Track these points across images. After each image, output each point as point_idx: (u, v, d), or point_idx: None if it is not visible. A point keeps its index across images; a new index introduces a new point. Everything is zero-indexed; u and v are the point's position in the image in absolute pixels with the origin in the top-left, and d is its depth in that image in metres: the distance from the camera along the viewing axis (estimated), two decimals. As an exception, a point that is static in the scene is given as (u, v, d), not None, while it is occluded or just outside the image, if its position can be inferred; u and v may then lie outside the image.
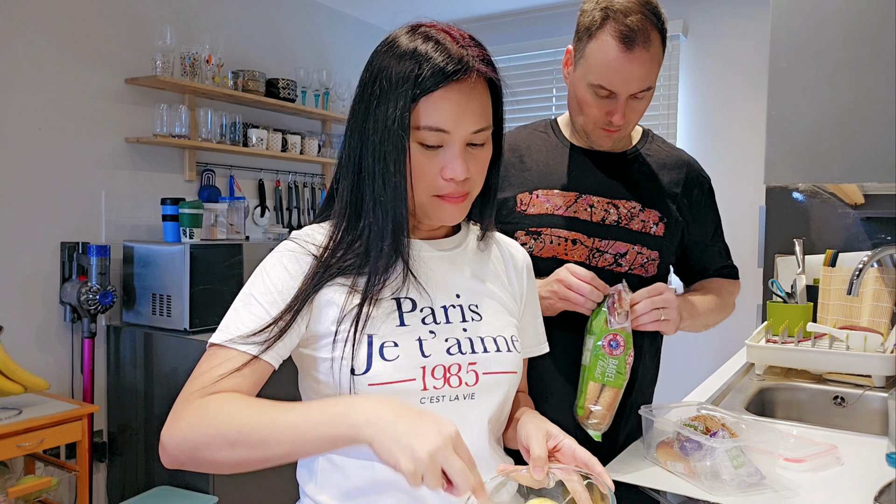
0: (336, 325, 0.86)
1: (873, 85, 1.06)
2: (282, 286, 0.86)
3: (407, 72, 0.83)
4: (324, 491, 0.90)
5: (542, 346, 1.10)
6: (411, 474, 0.66)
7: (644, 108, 1.24)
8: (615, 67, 1.16)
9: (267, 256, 0.91)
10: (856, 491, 1.09)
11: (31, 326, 2.64)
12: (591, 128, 1.26)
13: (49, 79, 2.67)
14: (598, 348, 1.15)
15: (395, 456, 0.67)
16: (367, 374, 0.83)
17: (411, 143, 0.85)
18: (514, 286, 1.02)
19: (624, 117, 1.21)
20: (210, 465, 0.77)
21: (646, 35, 1.14)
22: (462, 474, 0.67)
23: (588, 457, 0.85)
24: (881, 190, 2.04)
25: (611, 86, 1.18)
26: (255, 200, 3.58)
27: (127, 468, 2.83)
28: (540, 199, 1.29)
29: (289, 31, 3.75)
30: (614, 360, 1.15)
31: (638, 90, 1.18)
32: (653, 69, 1.18)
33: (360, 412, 0.71)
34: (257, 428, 0.74)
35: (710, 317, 1.37)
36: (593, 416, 1.16)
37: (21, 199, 2.59)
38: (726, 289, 1.44)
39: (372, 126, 0.85)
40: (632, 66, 1.15)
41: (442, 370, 0.87)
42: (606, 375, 1.15)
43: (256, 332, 0.82)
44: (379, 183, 0.85)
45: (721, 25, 3.61)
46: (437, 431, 0.68)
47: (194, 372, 0.82)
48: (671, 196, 1.33)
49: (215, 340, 0.83)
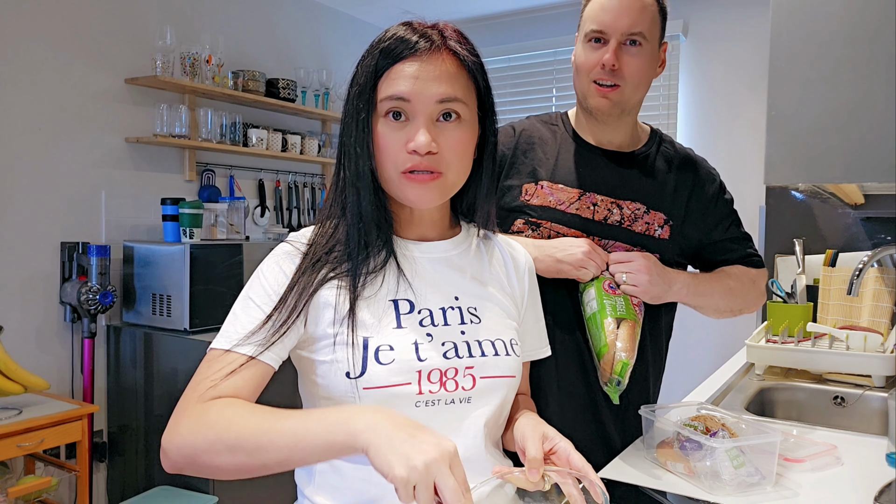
0: (333, 327, 0.86)
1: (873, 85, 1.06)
2: (279, 288, 0.86)
3: (374, 51, 0.87)
4: (322, 492, 0.89)
5: (544, 349, 1.09)
6: (404, 482, 0.64)
7: (639, 64, 1.23)
8: (605, 6, 1.21)
9: (264, 260, 0.91)
10: (856, 491, 1.09)
11: (31, 326, 2.64)
12: (587, 86, 1.25)
13: (49, 79, 2.67)
14: (600, 292, 1.19)
15: (390, 462, 0.66)
16: (361, 377, 0.83)
17: (378, 118, 0.86)
18: (514, 289, 1.02)
19: (616, 62, 1.21)
20: (210, 471, 0.76)
21: None
22: (454, 493, 0.65)
23: (583, 463, 0.85)
24: (881, 190, 2.04)
25: (601, 25, 1.21)
26: (255, 200, 3.58)
27: (127, 468, 2.83)
28: (544, 191, 1.28)
29: (289, 31, 3.75)
30: (619, 298, 1.19)
31: (628, 30, 1.20)
32: (644, 14, 1.21)
33: (359, 419, 0.70)
34: (256, 434, 0.73)
35: (719, 300, 1.33)
36: (619, 346, 1.16)
37: (21, 199, 2.59)
38: (746, 274, 1.37)
39: (346, 110, 0.88)
40: (621, 3, 1.20)
41: (438, 374, 0.86)
42: (618, 310, 1.18)
43: (255, 333, 0.83)
44: (351, 165, 0.87)
45: (721, 26, 3.61)
46: (436, 444, 0.67)
47: (194, 377, 0.82)
48: (679, 198, 1.31)
49: (216, 346, 0.84)
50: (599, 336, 1.18)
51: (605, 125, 1.30)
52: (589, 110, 1.29)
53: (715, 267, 1.40)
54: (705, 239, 1.36)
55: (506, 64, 4.17)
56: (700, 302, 1.32)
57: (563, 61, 3.99)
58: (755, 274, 1.39)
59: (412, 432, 0.68)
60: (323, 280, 0.87)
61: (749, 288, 1.37)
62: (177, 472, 0.79)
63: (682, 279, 1.27)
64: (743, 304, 1.37)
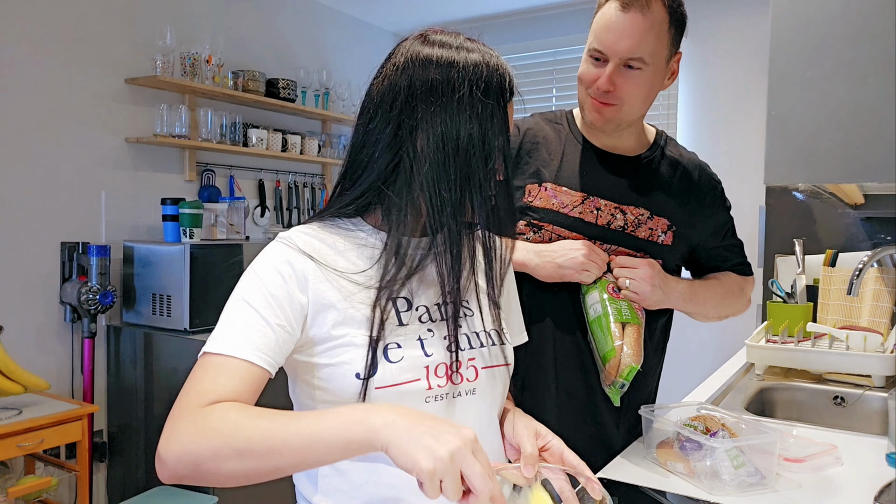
0: (336, 329, 0.84)
1: (873, 85, 1.06)
2: (276, 290, 0.83)
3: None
4: (328, 498, 0.88)
5: (522, 335, 1.11)
6: (430, 475, 0.64)
7: (637, 86, 1.20)
8: (608, 25, 1.18)
9: (255, 260, 0.88)
10: (856, 491, 1.09)
11: (31, 326, 2.64)
12: (584, 98, 1.26)
13: (49, 79, 2.67)
14: (604, 295, 1.20)
15: (414, 457, 0.65)
16: (373, 377, 0.82)
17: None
18: (496, 276, 1.02)
19: (610, 83, 1.19)
20: (214, 478, 0.73)
21: (646, 2, 1.16)
22: (482, 478, 0.65)
23: (576, 460, 0.86)
24: (881, 190, 2.04)
25: (602, 45, 1.18)
26: (255, 200, 3.58)
27: (127, 468, 2.83)
28: (548, 193, 1.28)
29: (289, 31, 3.75)
30: (623, 302, 1.20)
31: (627, 54, 1.17)
32: (647, 38, 1.17)
33: (376, 416, 0.69)
34: (267, 436, 0.71)
35: (710, 308, 1.36)
36: (626, 351, 1.16)
37: (21, 199, 2.59)
38: (737, 282, 1.41)
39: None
40: (624, 25, 1.16)
41: (444, 368, 0.87)
42: (623, 314, 1.19)
43: (252, 337, 0.80)
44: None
45: (721, 25, 3.61)
46: (457, 433, 0.67)
47: (188, 382, 0.79)
48: (682, 202, 1.31)
49: (209, 349, 0.80)
50: (605, 340, 1.18)
51: (606, 133, 1.30)
52: (585, 120, 1.30)
53: (706, 272, 1.43)
54: (702, 244, 1.37)
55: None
56: (694, 309, 1.34)
57: (563, 61, 3.99)
58: (744, 282, 1.43)
59: (431, 425, 0.68)
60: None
61: (738, 296, 1.41)
62: (175, 481, 0.74)
63: (681, 288, 1.28)
64: (731, 311, 1.41)
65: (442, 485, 0.64)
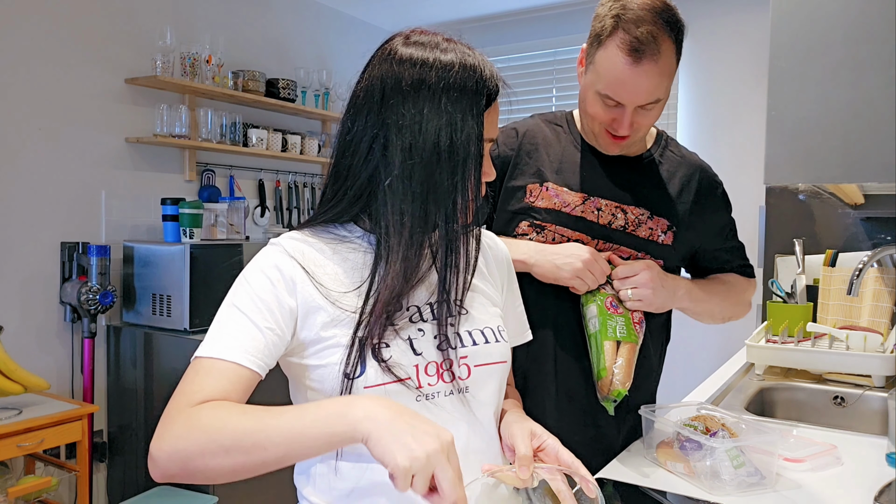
0: (325, 330, 0.85)
1: (873, 85, 1.06)
2: (264, 294, 0.84)
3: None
4: (321, 493, 0.89)
5: (525, 334, 1.11)
6: (404, 472, 0.66)
7: (653, 119, 1.21)
8: (622, 80, 1.13)
9: (247, 266, 0.89)
10: (856, 491, 1.09)
11: (31, 326, 2.64)
12: (599, 131, 1.25)
13: (49, 79, 2.67)
14: (602, 310, 1.19)
15: (392, 452, 0.67)
16: (361, 376, 0.83)
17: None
18: (494, 276, 1.02)
19: (629, 128, 1.18)
20: (204, 475, 0.75)
21: (655, 47, 1.10)
22: (451, 484, 0.67)
23: (572, 459, 0.86)
24: (881, 190, 2.04)
25: (617, 97, 1.15)
26: (255, 200, 3.58)
27: (127, 468, 2.83)
28: (549, 193, 1.28)
29: (289, 31, 3.75)
30: (620, 318, 1.19)
31: (646, 102, 1.15)
32: (662, 82, 1.14)
33: (357, 409, 0.71)
34: (251, 431, 0.72)
35: (715, 306, 1.35)
36: (617, 374, 1.16)
37: (21, 199, 2.59)
38: (739, 284, 1.41)
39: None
40: (639, 79, 1.12)
41: (435, 367, 0.87)
42: (619, 332, 1.18)
43: (241, 340, 0.81)
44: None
45: (721, 25, 3.61)
46: (436, 435, 0.69)
47: (181, 384, 0.80)
48: (682, 203, 1.31)
49: (201, 354, 0.82)
50: (599, 359, 1.18)
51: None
52: (598, 147, 1.29)
53: (708, 274, 1.42)
54: (704, 246, 1.37)
55: (506, 64, 4.17)
56: (698, 308, 1.34)
57: (563, 61, 3.99)
58: (747, 284, 1.43)
59: (411, 422, 0.70)
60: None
61: (740, 297, 1.41)
62: (167, 480, 0.76)
63: (685, 286, 1.28)
64: (733, 313, 1.41)
65: (413, 481, 0.67)
